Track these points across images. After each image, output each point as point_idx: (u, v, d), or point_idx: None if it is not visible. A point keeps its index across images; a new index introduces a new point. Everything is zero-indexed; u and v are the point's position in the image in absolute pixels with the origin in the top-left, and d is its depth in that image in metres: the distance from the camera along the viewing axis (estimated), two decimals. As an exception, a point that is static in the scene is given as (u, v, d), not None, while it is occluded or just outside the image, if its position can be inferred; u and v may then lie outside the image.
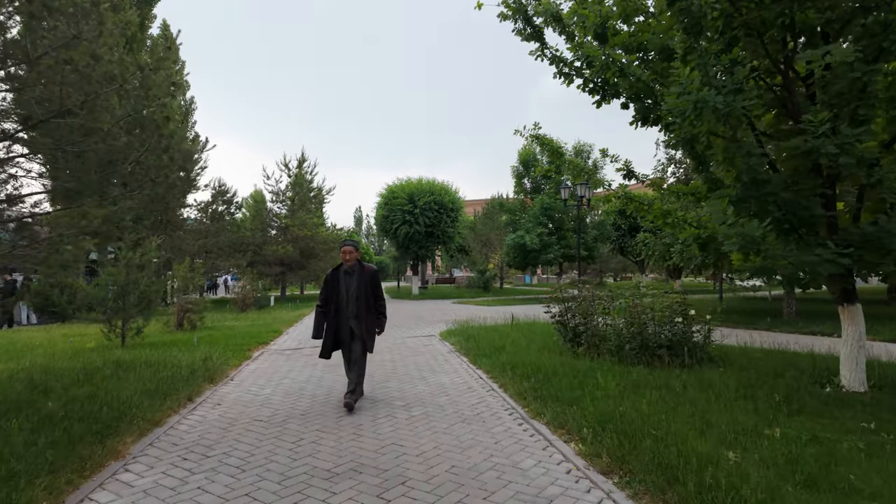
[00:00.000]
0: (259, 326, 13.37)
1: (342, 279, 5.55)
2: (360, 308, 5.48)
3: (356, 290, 5.48)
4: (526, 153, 26.52)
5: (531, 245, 22.48)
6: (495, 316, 15.44)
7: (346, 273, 5.55)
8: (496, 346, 8.85)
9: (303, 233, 25.97)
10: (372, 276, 5.63)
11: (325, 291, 5.62)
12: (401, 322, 14.69)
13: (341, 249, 5.61)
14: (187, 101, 29.49)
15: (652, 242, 16.07)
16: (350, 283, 5.52)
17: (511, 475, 3.66)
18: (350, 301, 5.50)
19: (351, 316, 5.49)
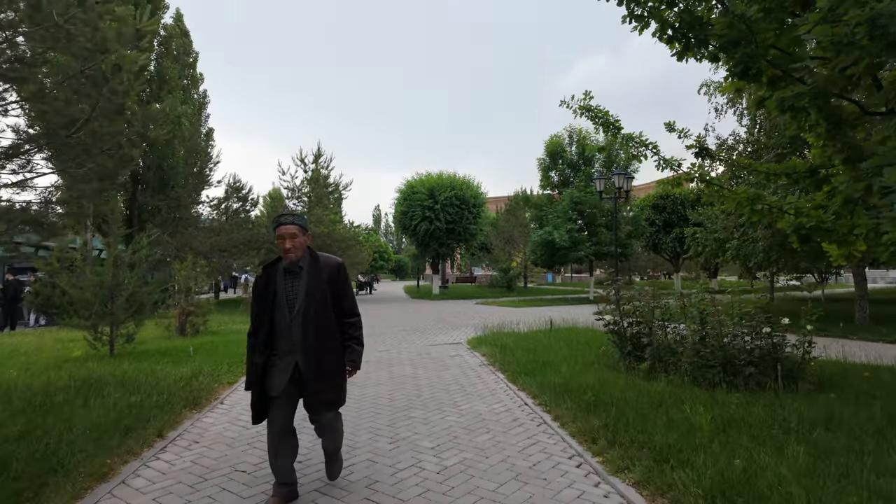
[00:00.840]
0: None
1: (280, 283, 3.18)
2: (309, 331, 3.10)
3: (304, 300, 3.13)
4: (553, 144, 24.94)
5: (560, 242, 20.95)
6: (526, 319, 14.01)
7: (289, 272, 3.19)
8: (537, 359, 7.45)
9: (319, 230, 24.83)
10: (333, 275, 3.26)
11: (255, 306, 3.24)
12: (422, 325, 13.37)
13: (275, 231, 3.16)
14: (200, 94, 28.70)
15: (702, 237, 14.41)
16: (294, 289, 3.17)
17: None
18: (294, 320, 3.12)
19: (295, 346, 3.10)
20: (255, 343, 3.15)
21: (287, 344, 3.11)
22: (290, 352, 3.11)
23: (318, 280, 3.18)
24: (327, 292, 3.20)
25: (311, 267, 3.20)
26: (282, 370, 3.11)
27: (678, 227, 26.82)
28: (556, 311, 17.80)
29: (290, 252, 3.14)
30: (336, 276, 3.27)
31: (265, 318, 3.14)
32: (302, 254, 3.20)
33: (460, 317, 15.90)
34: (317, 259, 3.24)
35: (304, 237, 3.20)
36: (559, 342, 8.97)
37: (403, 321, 14.75)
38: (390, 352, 9.18)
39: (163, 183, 22.80)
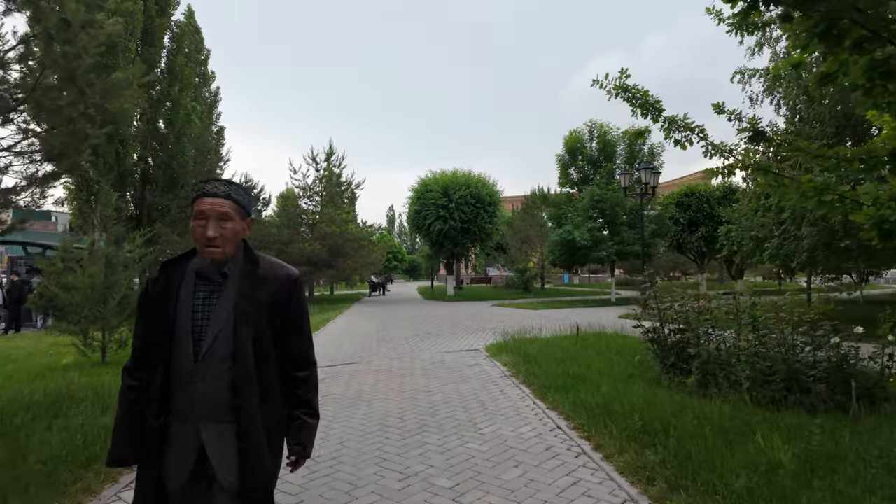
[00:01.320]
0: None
1: (185, 296, 1.72)
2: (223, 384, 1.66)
3: (225, 329, 1.68)
4: (573, 140, 23.99)
5: (581, 241, 20.03)
6: (548, 324, 13.17)
7: (203, 279, 1.73)
8: (566, 370, 6.64)
9: (331, 229, 24.27)
10: (281, 295, 1.78)
11: (143, 328, 1.81)
12: (436, 330, 12.61)
13: (193, 206, 1.72)
14: (212, 92, 28.36)
15: (737, 235, 13.40)
16: (207, 310, 1.71)
17: None
18: (201, 363, 1.66)
19: (199, 411, 1.65)
20: (146, 395, 1.69)
21: (184, 403, 1.65)
22: (188, 419, 1.65)
23: (253, 299, 1.71)
24: (266, 321, 1.72)
25: (243, 276, 1.73)
26: (178, 451, 1.66)
27: (704, 225, 25.72)
28: (578, 313, 16.91)
29: (212, 244, 1.66)
30: (286, 298, 1.78)
31: (159, 354, 1.68)
32: (233, 251, 1.73)
33: (476, 320, 15.12)
34: (256, 264, 1.77)
35: (241, 224, 1.74)
36: (588, 350, 8.14)
37: (417, 325, 14.02)
38: (402, 360, 8.43)
39: (172, 181, 22.41)
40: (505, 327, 12.74)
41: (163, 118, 22.57)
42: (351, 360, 8.39)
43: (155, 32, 21.04)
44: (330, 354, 9.06)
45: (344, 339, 11.06)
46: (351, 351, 9.43)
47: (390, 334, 11.90)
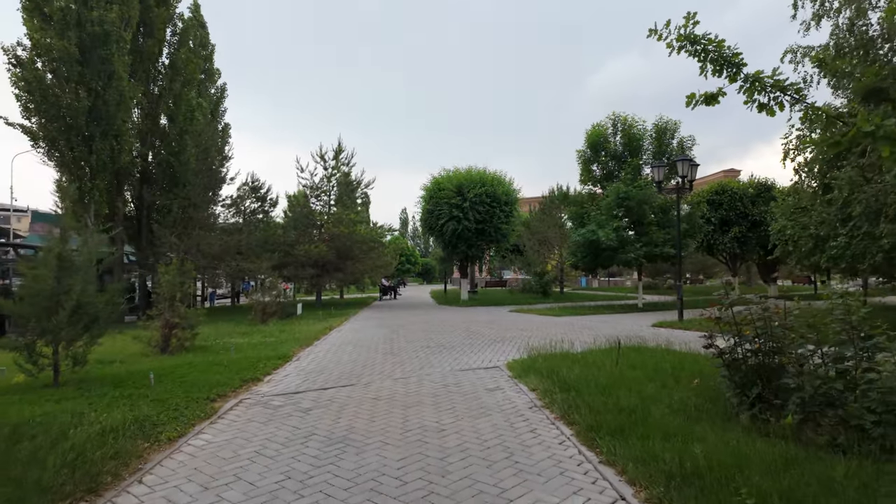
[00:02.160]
0: (268, 347, 10.27)
1: None
2: None
3: None
4: (595, 135, 22.39)
5: (606, 242, 18.46)
6: (575, 334, 11.74)
7: None
8: (616, 402, 5.20)
9: (338, 230, 23.04)
10: None
11: None
12: (450, 340, 11.21)
13: None
14: (218, 88, 27.43)
15: (795, 233, 11.74)
16: None
17: None
18: None
19: None
20: None
21: None
22: None
23: None
24: None
25: None
26: None
27: (737, 225, 23.96)
28: (605, 321, 15.38)
29: None
30: None
31: None
32: None
33: (494, 328, 13.68)
34: None
35: None
36: (635, 372, 6.67)
37: (428, 334, 12.64)
38: (408, 380, 7.05)
39: (173, 180, 21.41)
40: (527, 338, 11.30)
41: (164, 114, 21.58)
42: (347, 382, 7.02)
43: (154, 24, 20.03)
44: (325, 371, 7.73)
45: (344, 352, 9.72)
46: (350, 367, 8.08)
47: (398, 346, 10.54)
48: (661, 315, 17.53)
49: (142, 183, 21.08)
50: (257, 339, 11.42)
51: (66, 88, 16.82)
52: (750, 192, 24.36)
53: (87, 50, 16.71)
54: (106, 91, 17.05)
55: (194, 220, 20.61)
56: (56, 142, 16.83)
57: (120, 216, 19.50)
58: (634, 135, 21.94)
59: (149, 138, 21.03)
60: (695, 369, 6.89)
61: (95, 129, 17.08)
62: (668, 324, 13.92)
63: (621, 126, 22.51)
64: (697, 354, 8.14)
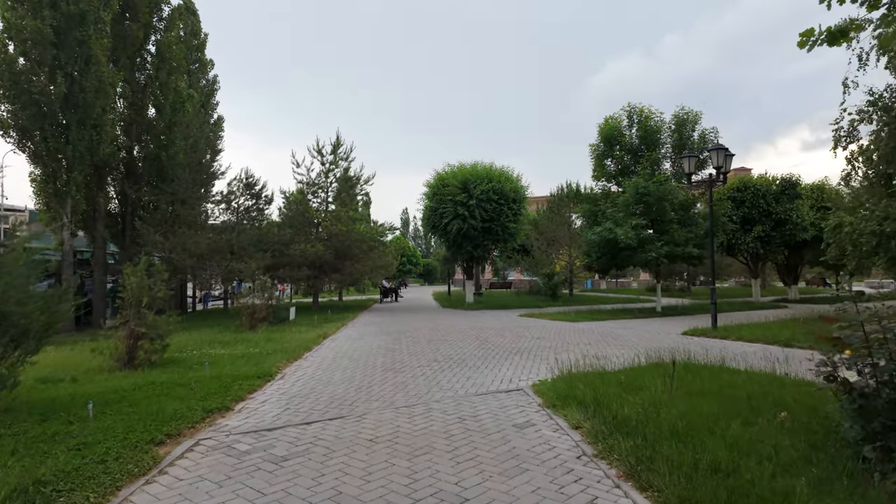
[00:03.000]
0: (249, 360, 8.89)
1: None
2: None
3: None
4: (609, 128, 21.02)
5: (625, 241, 17.07)
6: (603, 345, 10.36)
7: None
8: (703, 455, 3.79)
9: (336, 228, 21.68)
10: None
11: None
12: (461, 352, 9.81)
13: None
14: (210, 80, 26.09)
15: (852, 229, 10.26)
16: None
17: None
18: None
19: None
20: None
21: None
22: None
23: None
24: None
25: None
26: None
27: (760, 223, 22.55)
28: (627, 328, 13.97)
29: None
30: None
31: None
32: None
33: (507, 336, 12.29)
34: None
35: None
36: (699, 400, 5.27)
37: (435, 343, 11.26)
38: (414, 410, 5.66)
39: (161, 175, 20.07)
40: (547, 349, 9.90)
41: (152, 105, 20.21)
42: (337, 412, 5.63)
43: (138, 7, 18.65)
44: (312, 395, 6.34)
45: (337, 368, 8.34)
46: (342, 390, 6.70)
47: (400, 359, 9.15)
48: (685, 321, 16.14)
49: (127, 178, 19.72)
50: (240, 350, 10.04)
51: (40, 73, 15.48)
52: (773, 188, 22.93)
53: (62, 31, 15.37)
54: (83, 76, 15.71)
55: (182, 218, 19.26)
56: (28, 131, 15.48)
57: (101, 212, 18.14)
58: (651, 127, 20.57)
59: (134, 130, 19.67)
60: (771, 396, 5.51)
61: (72, 117, 15.74)
62: (701, 331, 12.52)
63: (637, 118, 21.15)
64: (762, 374, 6.79)
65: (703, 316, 17.81)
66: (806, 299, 26.66)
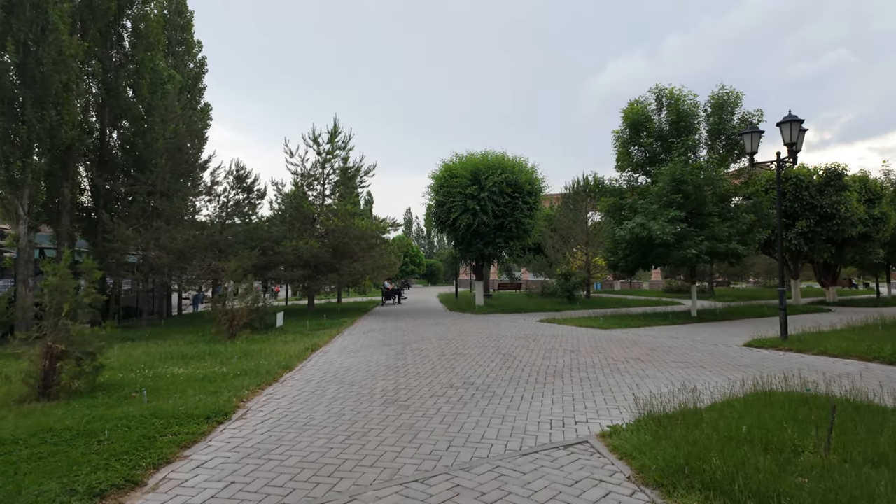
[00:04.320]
0: (207, 386, 6.78)
1: None
2: None
3: None
4: (635, 112, 18.79)
5: (661, 236, 14.90)
6: (660, 366, 8.22)
7: None
8: None
9: (332, 223, 19.59)
10: None
11: None
12: (482, 374, 7.67)
13: None
14: (198, 62, 24.02)
15: None
16: None
17: None
18: None
19: None
20: None
21: None
22: None
23: None
24: None
25: None
26: None
27: (803, 218, 20.34)
28: (673, 336, 11.78)
29: None
30: None
31: None
32: None
33: (535, 348, 10.16)
34: None
35: None
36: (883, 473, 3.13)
37: (448, 360, 9.15)
38: (430, 491, 3.54)
39: (139, 165, 18.03)
40: (593, 368, 7.74)
41: (127, 85, 18.16)
42: (307, 498, 3.51)
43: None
44: (275, 456, 4.22)
45: (321, 399, 6.22)
46: (322, 442, 4.58)
47: (406, 383, 7.03)
48: (733, 328, 13.98)
49: (99, 166, 17.66)
50: (204, 369, 7.93)
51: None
52: (816, 180, 20.72)
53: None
54: (39, 46, 13.63)
55: (160, 211, 17.18)
56: (-28, 108, 13.42)
57: (67, 204, 16.06)
58: (684, 111, 18.36)
59: (107, 113, 17.60)
60: None
61: (26, 93, 13.66)
62: (769, 342, 10.34)
63: (667, 101, 18.93)
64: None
65: (749, 322, 15.63)
66: (845, 301, 24.44)
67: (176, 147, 17.58)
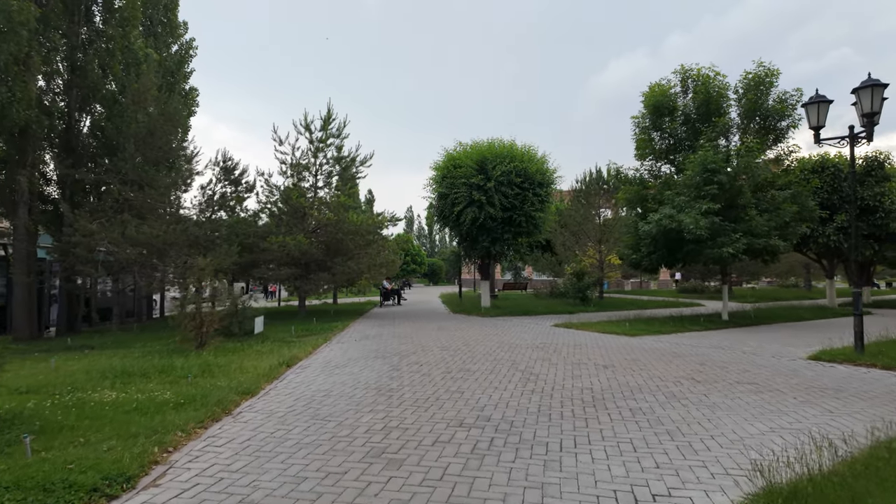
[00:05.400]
0: (139, 419, 5.04)
1: None
2: None
3: None
4: (658, 94, 17.01)
5: (694, 231, 13.12)
6: (729, 387, 6.41)
7: None
8: None
9: (325, 217, 17.86)
10: None
11: None
12: (499, 404, 5.91)
13: None
14: (183, 44, 22.26)
15: None
16: None
17: None
18: None
19: None
20: None
21: None
22: None
23: None
24: None
25: None
26: None
27: (843, 212, 18.53)
28: (715, 345, 9.99)
29: None
30: None
31: None
32: None
33: (558, 363, 8.41)
34: None
35: None
36: None
37: (455, 381, 7.41)
38: None
39: (110, 152, 16.33)
40: (640, 391, 5.93)
41: (98, 65, 16.42)
42: None
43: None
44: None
45: (282, 445, 4.47)
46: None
47: (400, 417, 5.28)
48: (776, 333, 12.23)
49: (66, 153, 15.93)
50: (145, 392, 6.17)
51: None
52: (859, 168, 18.88)
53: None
54: (-18, 11, 11.93)
55: (132, 203, 15.45)
56: None
57: (24, 194, 14.32)
58: (713, 94, 16.55)
59: (75, 94, 15.87)
60: None
61: (-32, 66, 11.97)
62: (842, 355, 8.54)
63: (693, 82, 17.13)
64: None
65: (790, 327, 13.84)
66: (881, 302, 22.62)
67: (148, 131, 15.82)
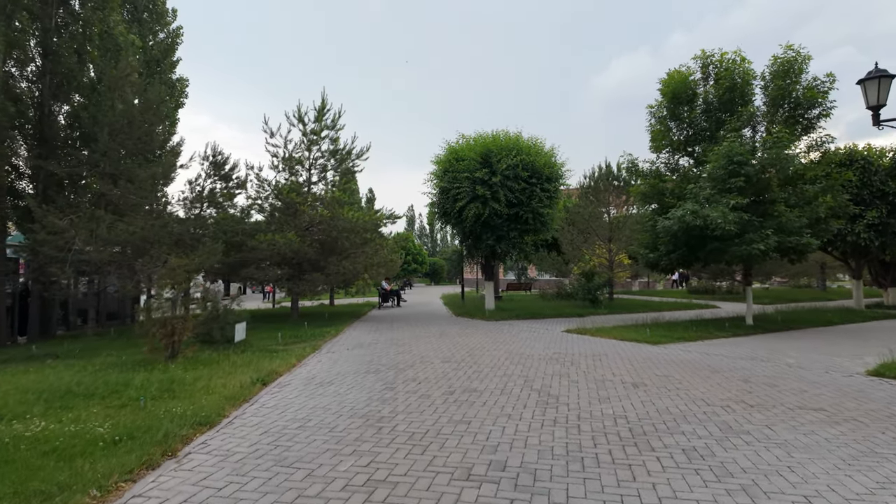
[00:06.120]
0: (46, 467, 3.84)
1: None
2: None
3: None
4: (676, 81, 15.79)
5: (723, 227, 11.90)
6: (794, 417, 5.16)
7: None
8: None
9: (318, 214, 16.69)
10: None
11: None
12: (516, 442, 4.72)
13: None
14: (171, 32, 21.10)
15: None
16: None
17: None
18: None
19: None
20: None
21: None
22: None
23: None
24: None
25: None
26: None
27: (874, 208, 17.28)
28: (751, 356, 8.77)
29: None
30: None
31: None
32: None
33: (578, 380, 7.24)
34: None
35: None
36: None
37: (459, 405, 6.24)
38: None
39: (85, 143, 15.19)
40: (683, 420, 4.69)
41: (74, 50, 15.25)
42: None
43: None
44: None
45: None
46: None
47: (387, 463, 4.10)
48: (811, 340, 11.02)
49: (40, 144, 14.78)
50: (79, 423, 5.00)
51: None
52: (885, 164, 17.66)
53: None
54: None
55: (108, 198, 14.30)
56: None
57: (-11, 189, 13.18)
58: (737, 80, 15.31)
59: (48, 81, 14.72)
60: None
61: (-80, 44, 10.81)
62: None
63: (714, 69, 15.90)
64: None
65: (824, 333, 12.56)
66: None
67: (126, 121, 14.65)
